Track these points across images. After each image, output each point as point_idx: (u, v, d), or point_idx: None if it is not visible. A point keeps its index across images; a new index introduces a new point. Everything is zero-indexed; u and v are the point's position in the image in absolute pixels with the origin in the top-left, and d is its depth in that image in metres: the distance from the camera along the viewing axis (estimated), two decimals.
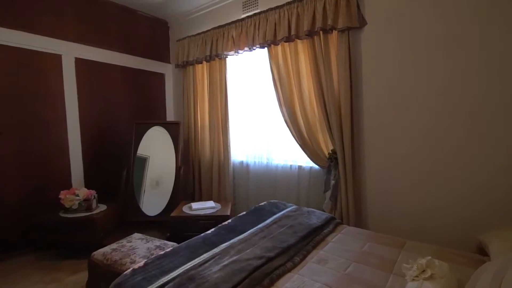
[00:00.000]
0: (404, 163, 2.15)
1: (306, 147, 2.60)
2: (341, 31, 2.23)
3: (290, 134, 2.68)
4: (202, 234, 1.82)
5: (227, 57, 3.18)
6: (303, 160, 2.74)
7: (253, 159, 3.16)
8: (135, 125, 3.27)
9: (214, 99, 3.31)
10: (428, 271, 1.16)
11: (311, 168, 2.70)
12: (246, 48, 2.92)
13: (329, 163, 2.43)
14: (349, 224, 2.25)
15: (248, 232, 1.82)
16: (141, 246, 1.96)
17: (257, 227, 1.90)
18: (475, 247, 1.69)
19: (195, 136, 3.58)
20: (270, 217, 2.08)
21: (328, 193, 2.43)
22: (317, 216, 2.06)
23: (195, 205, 2.78)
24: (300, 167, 2.78)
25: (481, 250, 1.60)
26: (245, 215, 2.16)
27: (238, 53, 3.04)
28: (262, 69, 2.95)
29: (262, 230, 1.84)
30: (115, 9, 3.35)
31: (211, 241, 1.70)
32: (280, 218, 2.02)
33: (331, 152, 2.43)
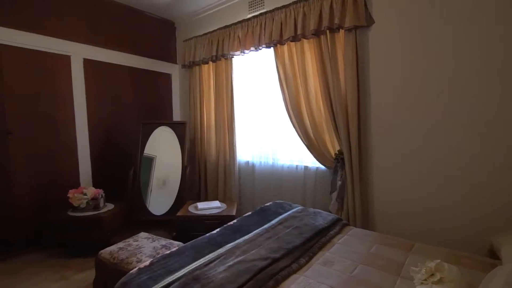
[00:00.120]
0: (412, 163, 2.11)
1: (312, 148, 2.58)
2: (348, 30, 2.21)
3: (296, 134, 2.66)
4: (207, 234, 1.82)
5: (233, 57, 3.19)
6: (309, 161, 2.72)
7: (258, 159, 3.15)
8: (142, 125, 3.30)
9: (220, 99, 3.32)
10: (437, 275, 1.13)
11: (317, 168, 2.68)
12: (252, 48, 2.92)
13: (336, 164, 2.41)
14: (355, 226, 2.22)
15: (254, 232, 1.81)
16: (147, 245, 1.97)
17: (262, 227, 1.89)
18: (486, 250, 1.65)
19: (201, 136, 3.59)
20: (275, 217, 2.06)
21: (335, 194, 2.41)
22: (323, 217, 2.04)
23: (201, 205, 2.79)
24: (306, 168, 2.77)
25: (492, 253, 1.56)
26: (250, 216, 2.15)
27: (244, 53, 3.03)
28: (268, 69, 2.94)
29: (267, 230, 1.83)
30: (122, 10, 3.39)
31: (217, 241, 1.70)
32: (286, 219, 2.01)
33: (337, 152, 2.40)
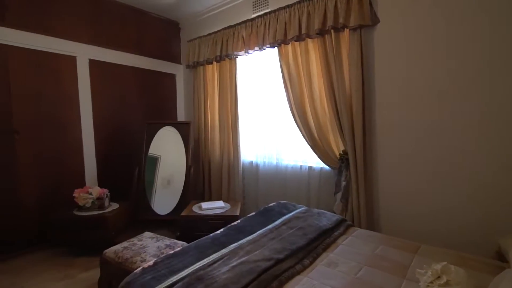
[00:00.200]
0: (418, 164, 2.08)
1: (317, 148, 2.57)
2: (353, 29, 2.19)
3: (300, 134, 2.65)
4: (211, 234, 1.82)
5: (237, 57, 3.19)
6: (313, 161, 2.71)
7: (262, 159, 3.15)
8: (146, 125, 3.32)
9: (224, 99, 3.32)
10: (444, 277, 1.11)
11: (321, 168, 2.66)
12: (256, 48, 2.91)
13: (340, 164, 2.39)
14: (360, 227, 2.20)
15: (257, 233, 1.81)
16: (152, 245, 1.98)
17: (266, 228, 1.88)
18: (493, 252, 1.62)
19: (205, 136, 3.60)
20: (279, 218, 2.06)
21: (339, 195, 2.39)
22: (327, 218, 2.02)
23: (204, 204, 2.79)
24: (310, 168, 2.75)
25: (500, 255, 1.53)
26: (254, 216, 2.15)
27: (248, 53, 3.03)
28: (272, 69, 2.93)
29: (271, 231, 1.83)
30: (128, 11, 3.41)
31: (220, 242, 1.70)
32: (290, 220, 2.00)
33: (342, 152, 2.39)
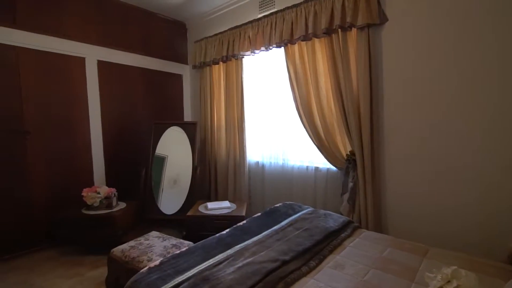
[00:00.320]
0: (426, 164, 2.04)
1: (323, 148, 2.54)
2: (361, 28, 2.16)
3: (307, 134, 2.63)
4: (217, 235, 1.82)
5: (243, 57, 3.18)
6: (320, 161, 2.69)
7: (268, 160, 3.14)
8: (154, 125, 3.35)
9: (230, 100, 3.32)
10: (454, 282, 1.08)
11: (328, 169, 2.64)
12: (262, 48, 2.90)
13: (347, 165, 2.36)
14: (367, 228, 2.17)
15: (263, 234, 1.80)
16: (158, 244, 1.99)
17: (272, 229, 1.87)
18: (505, 256, 1.57)
19: (211, 136, 3.61)
20: (285, 219, 2.04)
21: (346, 196, 2.37)
22: (334, 219, 2.00)
23: (210, 204, 2.80)
24: (317, 169, 2.73)
25: None
26: (260, 217, 2.14)
27: (254, 53, 3.02)
28: (279, 69, 2.92)
29: (277, 232, 1.81)
30: (136, 12, 3.44)
31: (226, 242, 1.69)
32: (296, 221, 1.99)
33: (349, 153, 2.36)
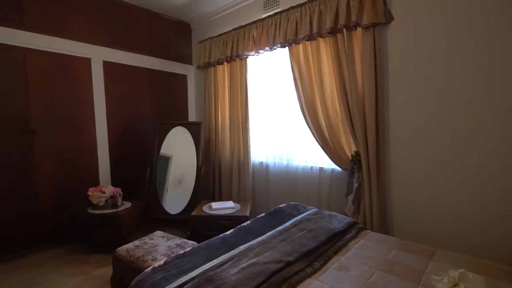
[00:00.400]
0: (432, 165, 2.01)
1: (328, 148, 2.53)
2: (366, 27, 2.14)
3: (311, 134, 2.62)
4: (221, 235, 1.82)
5: (247, 58, 3.18)
6: (324, 162, 2.67)
7: (273, 160, 3.13)
8: (158, 125, 3.37)
9: (234, 100, 3.32)
10: (461, 285, 1.07)
11: (333, 170, 2.62)
12: (266, 48, 2.89)
13: (352, 165, 2.34)
14: (372, 230, 2.15)
15: (267, 234, 1.79)
16: (162, 244, 2.00)
17: (276, 229, 1.87)
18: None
19: (215, 136, 3.61)
20: (289, 219, 2.03)
21: (351, 197, 2.35)
22: (338, 220, 1.99)
23: (215, 204, 2.80)
24: (321, 169, 2.71)
25: None
26: (264, 217, 2.14)
27: (258, 53, 3.02)
28: (283, 69, 2.91)
29: (281, 233, 1.81)
30: (140, 13, 3.47)
31: (230, 242, 1.69)
32: (300, 221, 1.98)
33: (354, 153, 2.34)
